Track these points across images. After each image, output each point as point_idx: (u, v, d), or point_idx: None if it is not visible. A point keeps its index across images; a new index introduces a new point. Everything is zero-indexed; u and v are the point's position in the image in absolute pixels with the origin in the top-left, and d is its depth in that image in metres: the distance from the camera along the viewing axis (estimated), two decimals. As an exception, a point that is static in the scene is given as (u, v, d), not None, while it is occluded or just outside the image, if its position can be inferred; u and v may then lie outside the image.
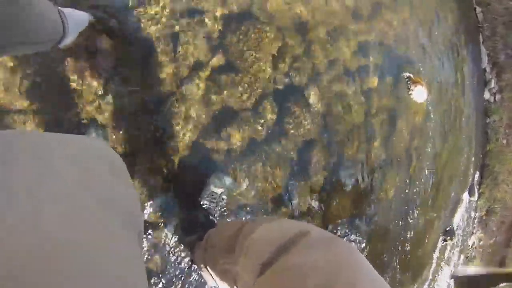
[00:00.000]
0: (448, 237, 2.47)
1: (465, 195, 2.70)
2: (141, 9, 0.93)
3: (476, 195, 2.84)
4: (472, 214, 2.90)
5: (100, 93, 0.85)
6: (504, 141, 3.13)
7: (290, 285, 0.44)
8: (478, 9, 3.41)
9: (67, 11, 0.67)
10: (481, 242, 3.03)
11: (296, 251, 0.48)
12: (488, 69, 3.18)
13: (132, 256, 0.29)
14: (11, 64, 0.74)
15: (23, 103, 0.75)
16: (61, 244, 0.21)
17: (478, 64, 3.10)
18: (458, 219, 2.62)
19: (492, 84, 3.16)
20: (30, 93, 0.76)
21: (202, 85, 1.04)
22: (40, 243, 0.20)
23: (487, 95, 3.11)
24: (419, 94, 1.89)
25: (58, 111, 0.80)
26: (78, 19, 0.71)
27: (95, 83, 0.84)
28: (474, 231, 2.97)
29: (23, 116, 0.75)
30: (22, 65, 0.75)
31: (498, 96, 3.20)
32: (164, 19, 0.98)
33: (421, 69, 2.03)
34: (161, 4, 0.99)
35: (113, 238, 0.27)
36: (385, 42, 1.76)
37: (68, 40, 0.64)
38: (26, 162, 0.25)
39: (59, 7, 0.61)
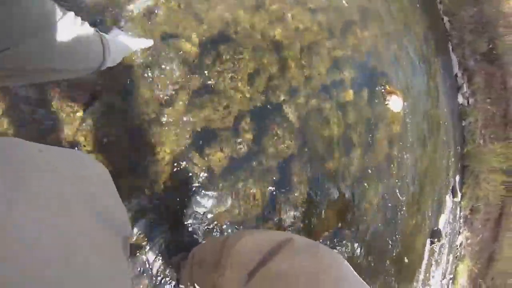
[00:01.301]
0: (436, 239, 2.52)
1: (449, 197, 2.78)
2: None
3: (459, 195, 2.93)
4: (457, 214, 2.99)
5: (81, 116, 0.86)
6: (481, 141, 3.28)
7: None
8: (446, 19, 3.63)
9: (111, 36, 0.62)
10: (469, 241, 3.11)
11: (282, 258, 0.49)
12: (459, 75, 3.36)
13: (117, 265, 0.30)
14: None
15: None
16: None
17: (450, 71, 3.27)
18: (443, 221, 2.69)
19: (465, 88, 3.33)
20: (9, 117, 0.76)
21: (180, 108, 1.06)
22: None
23: (460, 99, 3.27)
24: (395, 103, 1.97)
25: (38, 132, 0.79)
26: (121, 45, 0.66)
27: (76, 107, 0.85)
28: (460, 231, 3.04)
29: None
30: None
31: (471, 99, 3.37)
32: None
33: (395, 79, 2.12)
34: (138, 29, 1.01)
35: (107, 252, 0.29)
36: (358, 57, 1.85)
37: (108, 64, 0.61)
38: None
39: (102, 33, 0.56)
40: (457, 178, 2.97)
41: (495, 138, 3.54)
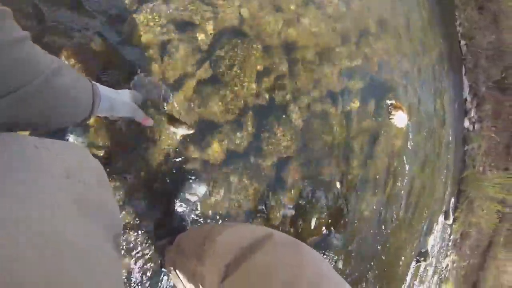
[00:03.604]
0: (422, 258, 2.54)
1: (441, 219, 2.79)
2: (136, 15, 0.96)
3: (451, 219, 2.93)
4: (447, 237, 2.99)
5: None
6: (481, 169, 3.27)
7: (257, 284, 0.45)
8: (463, 42, 3.61)
9: (106, 92, 0.57)
10: (455, 264, 3.12)
11: (263, 252, 0.50)
12: (469, 99, 3.35)
13: (107, 261, 0.30)
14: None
15: None
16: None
17: (459, 94, 3.26)
18: (432, 241, 2.70)
19: (472, 113, 3.32)
20: None
21: (186, 95, 1.07)
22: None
23: (466, 123, 3.26)
24: (400, 119, 1.98)
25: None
26: (115, 102, 0.61)
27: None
28: (448, 253, 3.05)
29: None
30: None
31: (477, 125, 3.36)
32: (157, 28, 1.01)
33: (403, 95, 2.13)
34: (155, 13, 1.02)
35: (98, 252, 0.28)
36: (369, 68, 1.85)
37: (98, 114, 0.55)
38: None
39: (94, 84, 0.52)
40: (452, 201, 2.98)
41: (495, 167, 3.53)
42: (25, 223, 0.23)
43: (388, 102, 1.96)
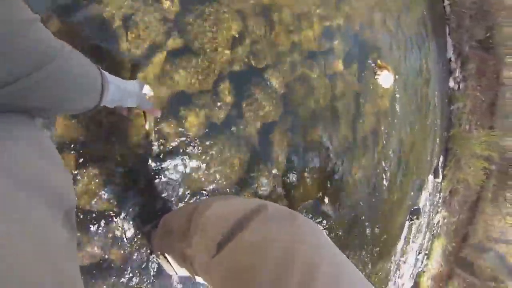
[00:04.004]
0: (415, 217, 2.63)
1: (430, 177, 2.88)
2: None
3: (441, 177, 3.03)
4: (437, 194, 3.11)
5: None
6: (467, 127, 3.36)
7: (249, 261, 0.41)
8: (446, 2, 3.57)
9: (116, 80, 0.57)
10: (445, 220, 3.27)
11: (254, 226, 0.46)
12: (453, 59, 3.37)
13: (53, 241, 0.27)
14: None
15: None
16: None
17: (444, 54, 3.26)
18: (423, 200, 2.80)
19: (457, 73, 3.35)
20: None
21: (157, 67, 1.01)
22: None
23: (451, 83, 3.30)
24: (385, 79, 1.97)
25: None
26: (123, 91, 0.61)
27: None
28: (439, 210, 3.18)
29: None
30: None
31: (462, 85, 3.41)
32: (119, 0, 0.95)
33: (388, 55, 2.11)
34: None
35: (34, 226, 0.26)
36: (351, 27, 1.81)
37: (105, 104, 0.55)
38: None
39: (103, 72, 0.52)
40: (441, 159, 3.07)
41: (480, 125, 3.63)
42: None
43: (372, 62, 1.94)
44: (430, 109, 2.75)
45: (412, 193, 2.59)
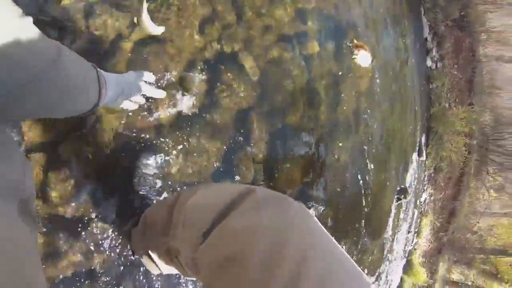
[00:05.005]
0: (402, 196, 2.67)
1: (415, 156, 2.92)
2: None
3: (424, 155, 3.09)
4: (422, 173, 3.17)
5: None
6: (447, 105, 3.43)
7: (237, 248, 0.38)
8: (419, -18, 3.61)
9: (111, 77, 0.56)
10: (432, 197, 3.35)
11: (242, 212, 0.42)
12: (429, 39, 3.41)
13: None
14: None
15: None
16: None
17: (420, 34, 3.30)
18: (410, 179, 2.84)
19: (434, 52, 3.41)
20: None
21: (123, 60, 0.96)
22: None
23: (429, 62, 3.35)
24: (363, 58, 1.96)
25: None
26: (122, 86, 0.61)
27: None
28: (425, 188, 3.25)
29: None
30: None
31: (439, 64, 3.47)
32: None
33: (364, 34, 2.10)
34: None
35: None
36: (325, 8, 1.78)
37: (106, 101, 0.55)
38: None
39: (99, 70, 0.51)
40: (423, 138, 3.12)
41: (459, 103, 3.72)
42: None
43: (349, 42, 1.92)
44: (409, 89, 2.78)
45: (398, 172, 2.62)
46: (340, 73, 1.83)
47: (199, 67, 1.13)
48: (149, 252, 0.68)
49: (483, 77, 4.25)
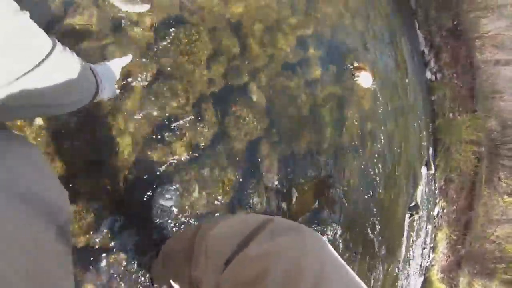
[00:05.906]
0: (414, 212, 2.60)
1: (424, 170, 2.87)
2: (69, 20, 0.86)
3: (433, 168, 3.03)
4: (433, 186, 3.10)
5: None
6: (451, 115, 3.41)
7: (253, 273, 0.40)
8: (411, -3, 3.70)
9: (100, 69, 0.60)
10: (445, 210, 3.25)
11: (261, 239, 0.44)
12: (426, 51, 3.45)
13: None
14: None
15: None
16: None
17: (417, 47, 3.34)
18: (420, 193, 2.78)
19: (432, 64, 3.43)
20: None
21: (137, 97, 0.99)
22: None
23: (428, 74, 3.37)
24: (364, 79, 1.97)
25: None
26: (111, 75, 0.65)
27: None
28: (437, 202, 3.17)
29: None
30: None
31: (439, 74, 3.48)
32: (94, 27, 0.92)
33: (363, 55, 2.12)
34: (86, 15, 0.93)
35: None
36: (324, 33, 1.82)
37: (105, 95, 0.59)
38: None
39: (91, 66, 0.55)
40: (430, 151, 3.07)
41: (463, 111, 3.69)
42: None
43: (349, 64, 1.94)
44: (412, 103, 2.78)
45: (408, 188, 2.57)
46: (343, 95, 1.84)
47: (209, 100, 1.15)
48: (171, 281, 0.68)
49: (483, 83, 4.24)
